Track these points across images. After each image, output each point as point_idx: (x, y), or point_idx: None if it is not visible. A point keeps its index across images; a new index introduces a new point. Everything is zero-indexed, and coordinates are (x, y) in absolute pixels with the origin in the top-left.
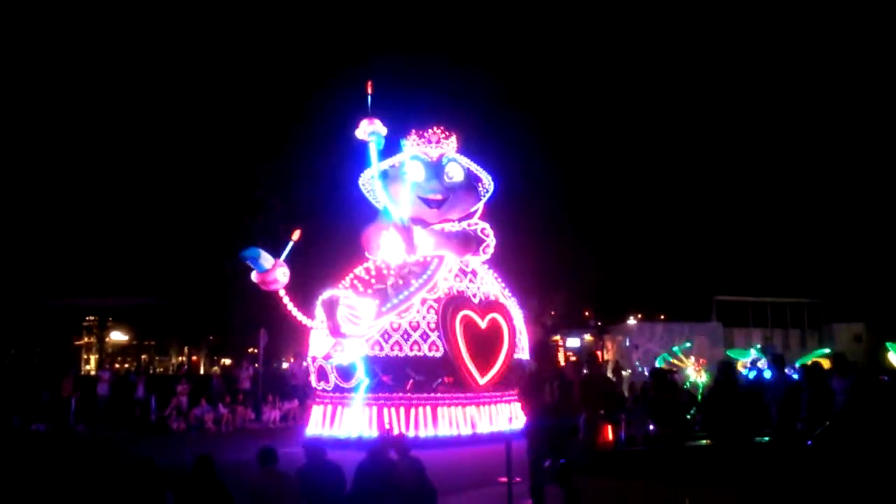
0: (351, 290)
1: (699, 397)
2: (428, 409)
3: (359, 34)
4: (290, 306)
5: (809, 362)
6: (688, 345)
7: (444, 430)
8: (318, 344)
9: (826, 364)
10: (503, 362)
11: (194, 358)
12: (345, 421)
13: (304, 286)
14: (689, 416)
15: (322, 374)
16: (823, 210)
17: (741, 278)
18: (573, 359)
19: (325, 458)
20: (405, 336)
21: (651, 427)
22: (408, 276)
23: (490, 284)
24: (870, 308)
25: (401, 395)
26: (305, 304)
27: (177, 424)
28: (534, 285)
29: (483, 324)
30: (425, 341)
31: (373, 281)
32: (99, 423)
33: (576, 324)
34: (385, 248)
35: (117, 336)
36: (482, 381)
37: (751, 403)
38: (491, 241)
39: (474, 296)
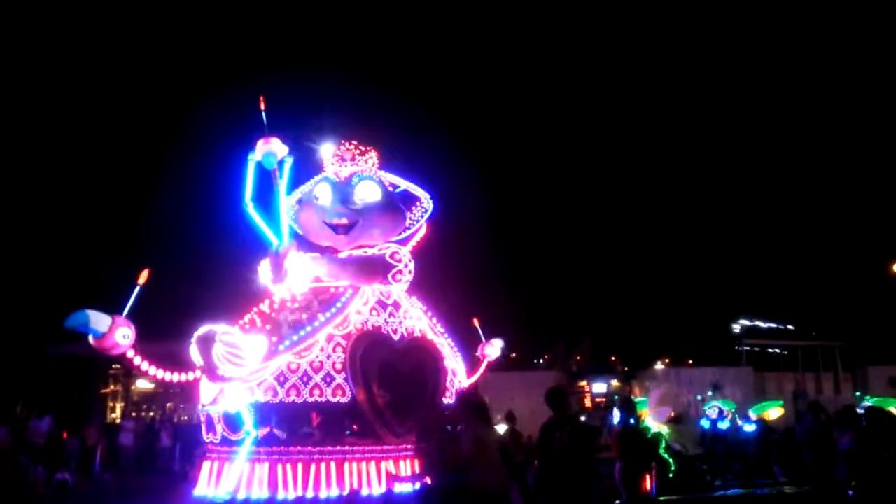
0: (230, 326)
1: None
2: (333, 464)
3: (250, 45)
4: (145, 366)
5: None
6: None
7: (354, 487)
8: (206, 388)
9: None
10: (428, 408)
11: None
12: (230, 479)
13: (185, 328)
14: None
15: (209, 424)
16: (854, 251)
17: (770, 319)
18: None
19: None
20: (304, 379)
21: None
22: (312, 310)
23: (416, 319)
24: None
25: (299, 448)
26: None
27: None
28: (558, 331)
29: (402, 365)
30: (329, 384)
31: (275, 315)
32: (124, 471)
33: (602, 369)
34: (283, 279)
35: (143, 384)
36: (400, 431)
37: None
38: (403, 266)
39: (395, 331)
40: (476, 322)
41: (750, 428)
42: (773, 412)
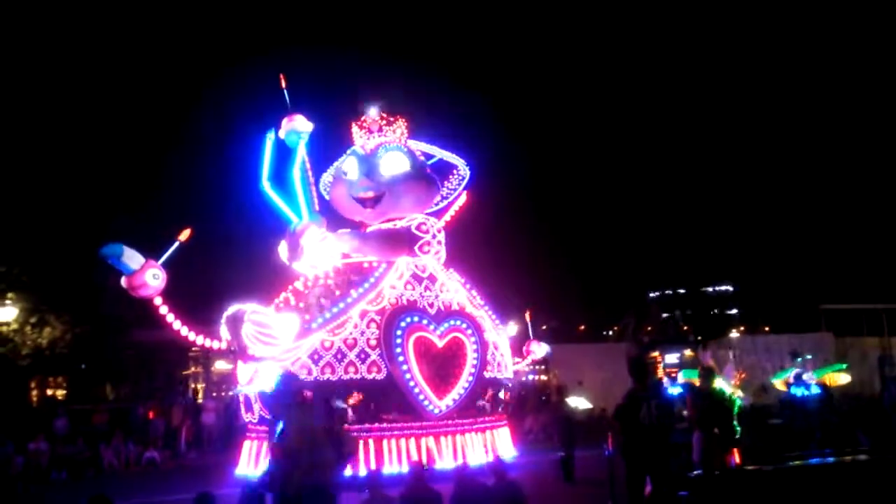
0: (260, 305)
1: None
2: (370, 442)
3: (272, 24)
4: (171, 318)
5: None
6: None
7: (393, 466)
8: (242, 369)
9: None
10: (467, 382)
11: None
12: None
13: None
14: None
15: (247, 404)
16: None
17: (852, 284)
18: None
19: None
20: (339, 356)
21: None
22: (343, 286)
23: (453, 292)
24: None
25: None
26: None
27: None
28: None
29: (440, 339)
30: (363, 361)
31: (307, 294)
32: (207, 449)
33: (675, 339)
34: (299, 257)
35: (221, 365)
36: (440, 407)
37: None
38: (431, 237)
39: (431, 305)
40: (528, 316)
41: (815, 391)
42: (839, 377)
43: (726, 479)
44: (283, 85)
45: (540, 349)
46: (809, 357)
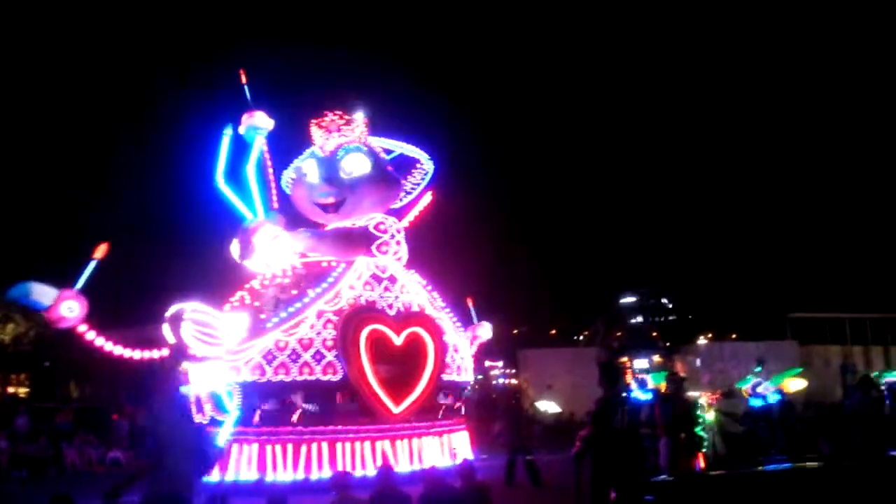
0: (203, 304)
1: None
2: (325, 445)
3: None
4: (100, 342)
5: None
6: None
7: (348, 469)
8: (194, 369)
9: None
10: (425, 385)
11: None
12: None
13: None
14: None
15: (198, 405)
16: None
17: (818, 295)
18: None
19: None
20: (293, 357)
21: None
22: (301, 285)
23: (413, 293)
24: None
25: (289, 428)
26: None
27: None
28: (598, 307)
29: (399, 340)
30: (319, 362)
31: (263, 292)
32: None
33: (644, 345)
34: (251, 255)
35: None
36: (397, 409)
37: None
38: (389, 237)
39: (390, 307)
40: (470, 302)
41: (773, 399)
42: (793, 384)
43: (690, 483)
44: (244, 81)
45: (484, 330)
46: (759, 370)
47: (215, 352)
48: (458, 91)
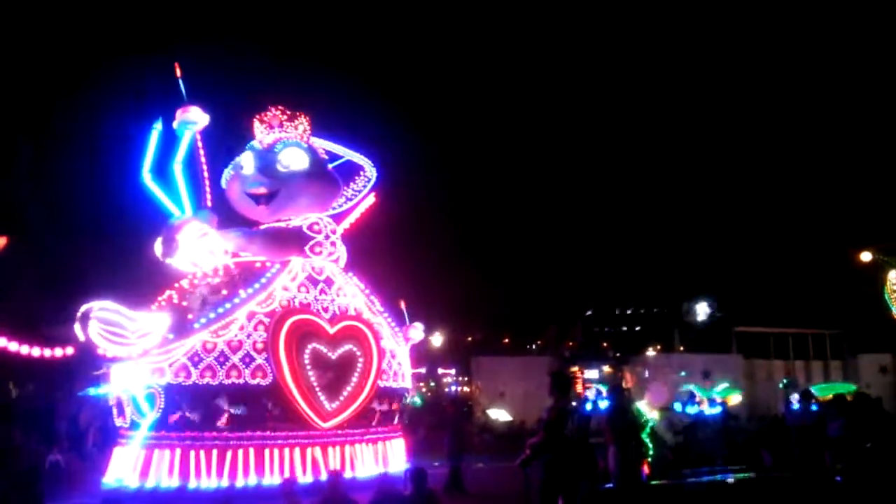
0: (113, 303)
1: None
2: (251, 451)
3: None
4: (2, 342)
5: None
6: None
7: (274, 477)
8: (117, 370)
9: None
10: (360, 391)
11: None
12: (133, 466)
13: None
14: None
15: (119, 407)
16: (846, 240)
17: (762, 310)
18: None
19: None
20: (221, 359)
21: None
22: (232, 285)
23: (350, 297)
24: None
25: (214, 434)
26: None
27: None
28: (550, 316)
29: (333, 344)
30: (248, 366)
31: (191, 292)
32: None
33: (594, 355)
34: (174, 253)
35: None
36: (327, 422)
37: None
38: (324, 238)
39: (326, 310)
40: (403, 304)
41: (714, 411)
42: (733, 397)
43: (635, 493)
44: (178, 74)
45: (416, 332)
46: (691, 385)
47: (125, 352)
48: (411, 98)
